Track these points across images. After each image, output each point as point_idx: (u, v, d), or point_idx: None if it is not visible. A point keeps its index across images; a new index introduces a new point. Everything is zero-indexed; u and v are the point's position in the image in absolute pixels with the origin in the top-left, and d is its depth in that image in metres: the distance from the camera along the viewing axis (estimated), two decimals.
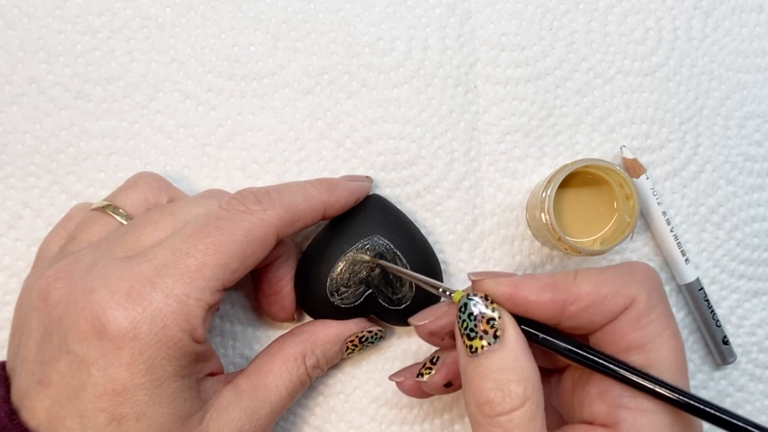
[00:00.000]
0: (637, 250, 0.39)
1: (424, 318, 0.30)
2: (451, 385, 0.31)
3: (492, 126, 0.38)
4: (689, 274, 0.38)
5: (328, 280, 0.34)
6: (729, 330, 0.39)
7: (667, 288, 0.39)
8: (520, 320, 0.27)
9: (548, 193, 0.33)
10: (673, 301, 0.39)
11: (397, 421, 0.37)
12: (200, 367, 0.29)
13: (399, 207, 0.37)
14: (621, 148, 0.38)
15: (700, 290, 0.38)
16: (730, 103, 0.39)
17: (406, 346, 0.38)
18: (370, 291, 0.34)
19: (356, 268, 0.34)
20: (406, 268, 0.34)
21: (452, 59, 0.38)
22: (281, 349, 0.33)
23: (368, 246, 0.34)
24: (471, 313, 0.27)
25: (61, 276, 0.28)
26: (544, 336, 0.27)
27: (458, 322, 0.27)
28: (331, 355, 0.34)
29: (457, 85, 0.38)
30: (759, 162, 0.39)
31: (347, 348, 0.35)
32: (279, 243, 0.32)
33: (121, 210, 0.32)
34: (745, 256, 0.39)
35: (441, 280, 0.36)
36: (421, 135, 0.38)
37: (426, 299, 0.35)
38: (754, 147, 0.39)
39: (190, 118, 0.37)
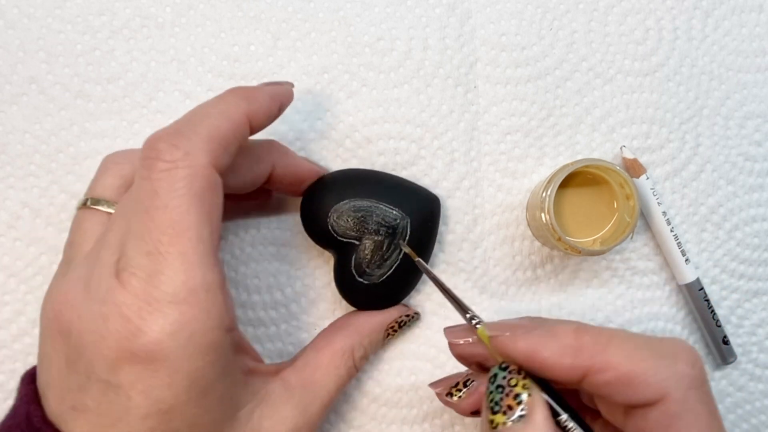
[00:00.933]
0: (637, 250, 0.39)
1: (456, 336, 0.29)
2: (479, 413, 0.29)
3: (492, 126, 0.38)
4: (689, 274, 0.38)
5: (340, 205, 0.34)
6: (729, 330, 0.39)
7: (667, 288, 0.39)
8: (556, 398, 0.25)
9: (548, 193, 0.33)
10: (673, 301, 0.39)
11: (397, 421, 0.37)
12: (241, 360, 0.28)
13: None
14: (621, 148, 0.38)
15: (700, 290, 0.38)
16: (730, 103, 0.39)
17: (405, 347, 0.38)
18: (358, 244, 0.34)
19: (368, 218, 0.34)
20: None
21: (452, 59, 0.38)
22: (329, 344, 0.32)
23: (397, 215, 0.34)
24: (500, 386, 0.25)
25: (64, 301, 0.26)
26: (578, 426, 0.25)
27: (486, 392, 0.26)
28: (376, 344, 0.34)
29: (457, 85, 0.38)
30: (759, 162, 0.39)
31: (388, 334, 0.35)
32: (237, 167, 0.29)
33: (101, 199, 0.30)
34: (745, 256, 0.39)
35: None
36: (421, 135, 0.38)
37: (392, 293, 0.35)
38: (754, 147, 0.39)
39: None
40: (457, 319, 0.38)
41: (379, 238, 0.34)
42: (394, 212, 0.34)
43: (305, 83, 0.38)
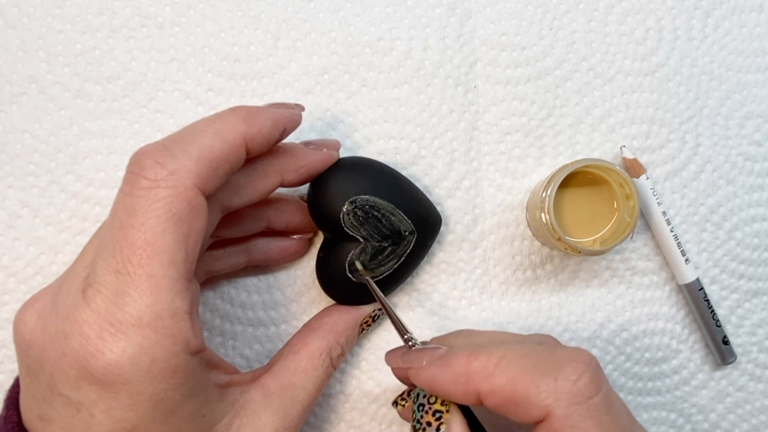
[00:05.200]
0: (637, 249, 0.39)
1: (392, 362, 0.31)
2: None
3: (492, 126, 0.38)
4: (689, 274, 0.38)
5: (360, 198, 0.32)
6: (729, 330, 0.39)
7: (667, 288, 0.39)
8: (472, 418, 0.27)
9: (548, 193, 0.33)
10: (673, 301, 0.39)
11: (397, 421, 0.37)
12: (214, 375, 0.27)
13: None
14: (621, 148, 0.38)
15: (700, 290, 0.38)
16: (730, 103, 0.39)
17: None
18: (361, 242, 0.33)
19: (383, 221, 0.33)
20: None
21: (452, 59, 0.38)
22: (305, 346, 0.32)
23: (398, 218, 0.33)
24: (420, 404, 0.27)
25: (30, 308, 0.26)
26: None
27: (412, 411, 0.27)
28: (352, 340, 0.34)
29: (457, 85, 0.38)
30: (759, 162, 0.39)
31: (362, 329, 0.35)
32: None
33: None
34: (745, 256, 0.39)
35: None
36: (421, 135, 0.38)
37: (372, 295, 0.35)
38: (754, 147, 0.39)
39: (190, 117, 0.37)
40: (457, 319, 0.38)
41: (384, 245, 0.33)
42: (408, 223, 0.34)
43: (305, 83, 0.38)
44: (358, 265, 0.33)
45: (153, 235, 0.24)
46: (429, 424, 0.26)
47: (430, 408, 0.27)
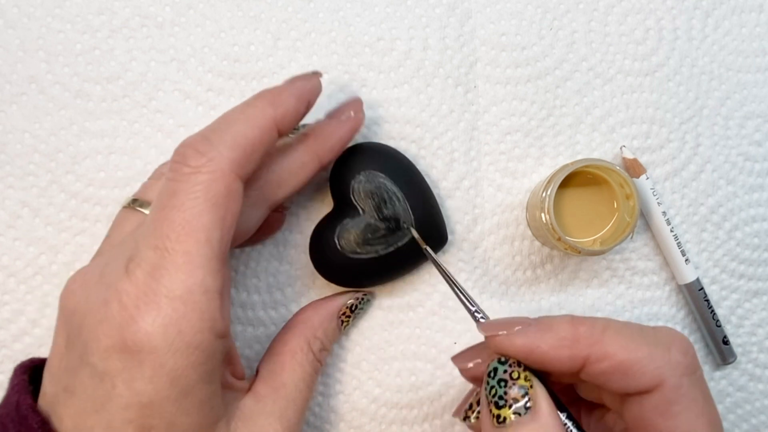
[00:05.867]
0: (637, 250, 0.39)
1: (465, 360, 0.29)
2: None
3: (492, 126, 0.38)
4: (689, 274, 0.38)
5: (377, 175, 0.34)
6: (729, 330, 0.39)
7: (667, 288, 0.39)
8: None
9: (548, 193, 0.33)
10: (673, 301, 0.39)
11: (397, 421, 0.37)
12: (225, 371, 0.28)
13: None
14: (621, 148, 0.38)
15: (700, 290, 0.38)
16: (730, 103, 0.39)
17: (405, 347, 0.37)
18: (358, 214, 0.34)
19: (389, 204, 0.33)
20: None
21: (452, 59, 0.38)
22: (285, 344, 0.33)
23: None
24: (502, 380, 0.25)
25: (77, 280, 0.27)
26: (572, 422, 0.25)
27: (486, 388, 0.26)
28: (332, 333, 0.35)
29: (457, 85, 0.38)
30: (759, 162, 0.39)
31: (342, 321, 0.35)
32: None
33: (146, 202, 0.31)
34: (745, 256, 0.39)
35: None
36: (421, 135, 0.38)
37: (353, 276, 0.35)
38: (754, 147, 0.39)
39: (190, 117, 0.37)
40: (457, 320, 0.38)
41: (379, 224, 0.34)
42: (411, 218, 0.34)
43: None
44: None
45: (191, 215, 0.25)
46: (515, 400, 0.25)
47: (514, 383, 0.25)
